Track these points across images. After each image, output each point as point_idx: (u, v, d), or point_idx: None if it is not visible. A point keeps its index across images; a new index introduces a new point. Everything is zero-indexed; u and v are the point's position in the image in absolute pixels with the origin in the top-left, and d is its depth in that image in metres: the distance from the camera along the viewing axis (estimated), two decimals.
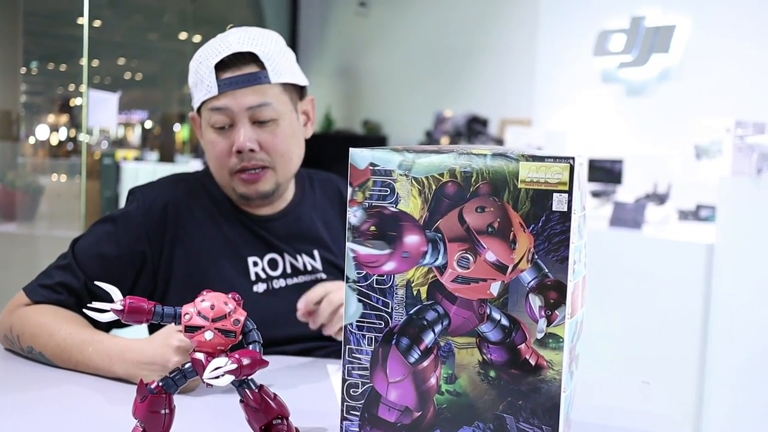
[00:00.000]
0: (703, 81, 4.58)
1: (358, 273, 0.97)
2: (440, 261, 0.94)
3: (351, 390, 0.99)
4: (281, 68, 1.49)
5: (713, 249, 3.24)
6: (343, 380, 0.99)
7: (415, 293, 0.95)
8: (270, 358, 0.98)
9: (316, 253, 1.60)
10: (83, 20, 3.77)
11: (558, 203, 0.90)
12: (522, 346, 0.92)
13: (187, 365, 0.95)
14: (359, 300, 0.98)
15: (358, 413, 0.99)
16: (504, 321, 0.92)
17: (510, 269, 0.91)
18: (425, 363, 0.95)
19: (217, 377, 0.90)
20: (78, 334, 1.29)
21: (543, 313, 0.91)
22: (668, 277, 3.43)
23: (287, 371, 1.35)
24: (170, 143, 8.19)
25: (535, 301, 0.91)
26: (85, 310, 0.96)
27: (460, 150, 0.94)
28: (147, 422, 0.94)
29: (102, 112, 3.66)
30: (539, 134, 5.07)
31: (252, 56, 1.46)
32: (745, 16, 4.42)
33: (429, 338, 0.95)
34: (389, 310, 0.96)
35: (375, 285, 0.97)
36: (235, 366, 0.90)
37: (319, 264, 1.59)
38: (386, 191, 0.96)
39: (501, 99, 5.95)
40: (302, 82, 1.56)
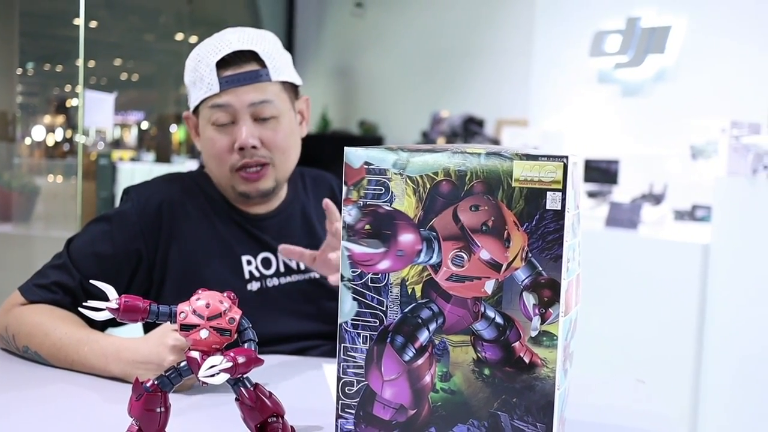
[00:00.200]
0: (699, 81, 4.59)
1: (353, 271, 0.98)
2: (435, 259, 0.94)
3: (346, 388, 0.99)
4: (280, 67, 1.51)
5: (709, 249, 3.24)
6: (338, 378, 0.99)
7: (410, 291, 0.96)
8: (265, 357, 0.98)
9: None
10: (79, 21, 3.77)
11: (552, 202, 0.90)
12: (516, 344, 0.92)
13: (183, 364, 0.95)
14: (354, 298, 0.98)
15: (353, 411, 0.99)
16: (498, 319, 0.93)
17: (504, 267, 0.92)
18: (420, 361, 0.96)
19: (213, 375, 0.90)
20: (73, 334, 1.29)
21: (537, 311, 0.91)
22: (664, 277, 3.43)
23: (282, 370, 1.35)
24: (166, 144, 8.19)
25: (529, 299, 0.91)
26: (81, 309, 0.96)
27: (455, 149, 0.94)
28: (142, 420, 0.94)
29: (98, 113, 3.66)
30: (535, 135, 5.08)
31: (253, 54, 1.48)
32: (741, 17, 4.44)
33: (424, 336, 0.95)
34: (384, 309, 0.97)
35: (370, 283, 0.97)
36: (231, 364, 0.91)
37: None
38: (381, 190, 0.96)
39: (497, 99, 5.95)
40: (298, 82, 1.58)
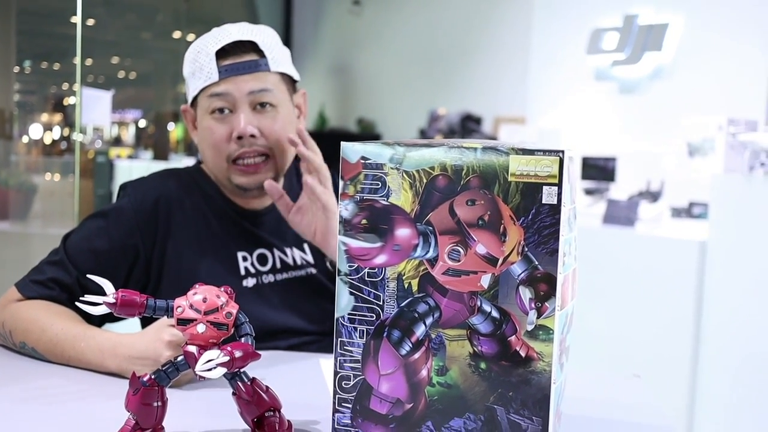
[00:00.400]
0: (696, 79, 4.59)
1: (350, 266, 0.98)
2: (431, 254, 0.95)
3: (343, 382, 0.99)
4: (279, 58, 1.52)
5: (706, 246, 3.25)
6: (335, 373, 1.00)
7: (407, 286, 0.96)
8: (262, 353, 0.98)
9: (306, 248, 1.60)
10: (77, 19, 3.77)
11: (548, 196, 0.91)
12: (512, 338, 0.92)
13: (180, 358, 0.95)
14: (351, 293, 0.98)
15: (350, 405, 0.99)
16: (494, 313, 0.93)
17: (500, 262, 0.92)
18: (416, 355, 0.96)
19: (210, 369, 0.90)
20: (70, 330, 1.29)
21: (533, 305, 0.91)
22: (661, 274, 3.44)
23: (279, 365, 1.36)
24: (164, 142, 8.18)
25: (525, 293, 0.92)
26: (78, 304, 0.97)
27: (451, 144, 0.95)
28: (139, 415, 0.94)
29: (95, 110, 3.66)
30: (533, 132, 5.08)
31: (252, 45, 1.49)
32: (738, 15, 4.44)
33: (420, 330, 0.96)
34: (381, 303, 0.97)
35: (366, 278, 0.97)
36: (228, 358, 0.91)
37: (310, 257, 1.59)
38: (377, 185, 0.96)
39: (495, 97, 5.95)
40: (296, 76, 1.59)
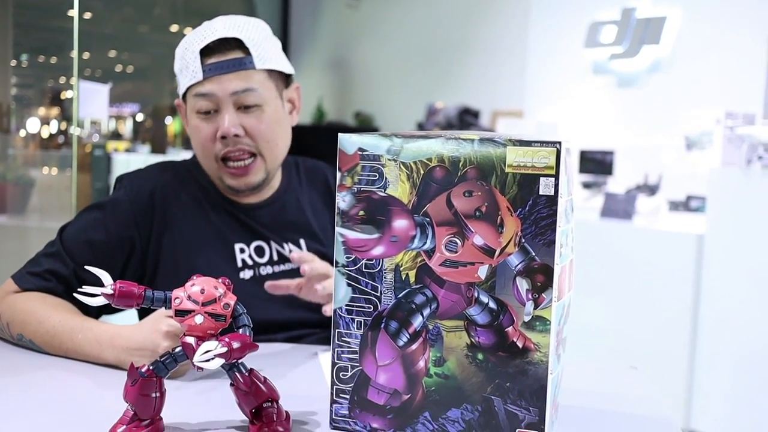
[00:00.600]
0: (694, 72, 4.59)
1: (347, 257, 0.98)
2: (428, 245, 0.95)
3: (340, 373, 1.00)
4: (266, 54, 1.49)
5: (703, 239, 3.26)
6: (333, 364, 1.00)
7: (404, 277, 0.96)
8: (259, 344, 0.98)
9: (302, 243, 1.60)
10: (73, 12, 3.76)
11: (545, 187, 0.91)
12: (509, 329, 0.93)
13: (178, 349, 0.96)
14: (348, 284, 0.98)
15: (348, 396, 0.99)
16: (492, 304, 0.93)
17: (497, 253, 0.92)
18: (414, 346, 0.96)
19: (208, 360, 0.91)
20: (67, 321, 1.29)
21: (530, 296, 0.92)
22: (659, 267, 3.45)
23: (277, 356, 1.36)
24: (162, 136, 8.17)
25: (523, 285, 0.92)
26: (76, 295, 0.97)
27: (448, 135, 0.95)
28: (137, 405, 0.95)
29: (93, 103, 3.65)
30: (531, 126, 5.08)
31: (237, 42, 1.47)
32: (735, 8, 4.44)
33: (417, 322, 0.96)
34: (378, 294, 0.97)
35: (364, 269, 0.97)
36: (225, 349, 0.91)
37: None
38: (375, 176, 0.96)
39: (492, 90, 5.95)
40: (288, 70, 1.56)
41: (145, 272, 1.49)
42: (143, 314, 1.49)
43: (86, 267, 1.02)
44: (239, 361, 0.96)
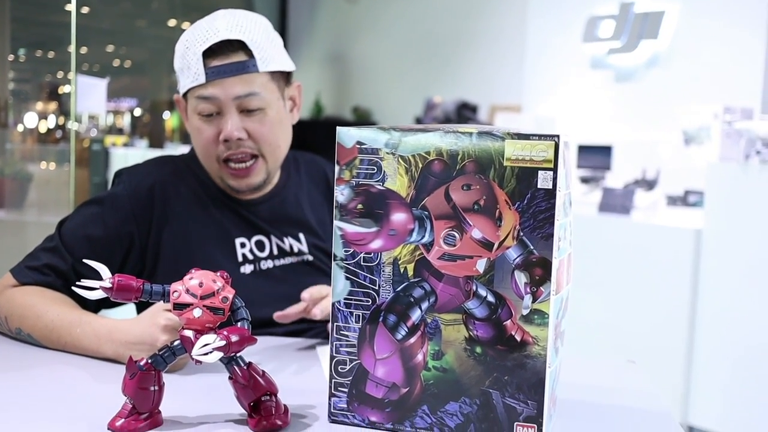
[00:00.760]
0: (692, 67, 4.59)
1: (346, 251, 0.98)
2: (427, 238, 0.95)
3: (339, 367, 1.00)
4: (269, 56, 1.47)
5: (701, 234, 3.26)
6: (331, 357, 1.00)
7: (402, 271, 0.96)
8: (258, 338, 0.98)
9: (302, 237, 1.60)
10: (71, 7, 3.76)
11: (543, 181, 0.91)
12: (508, 323, 0.93)
13: (176, 342, 0.96)
14: (347, 278, 0.98)
15: (346, 390, 1.00)
16: (490, 297, 0.93)
17: (496, 246, 0.92)
18: (412, 340, 0.96)
19: (206, 354, 0.91)
20: (66, 315, 1.29)
21: (528, 290, 0.92)
22: (657, 262, 3.45)
23: (275, 350, 1.36)
24: (159, 130, 8.16)
25: (521, 278, 0.92)
26: (75, 288, 0.97)
27: (447, 129, 0.95)
28: (136, 399, 0.95)
29: (91, 98, 3.65)
30: (529, 120, 5.08)
31: (240, 44, 1.44)
32: (733, 2, 4.43)
33: (416, 315, 0.96)
34: (376, 288, 0.97)
35: (362, 263, 0.97)
36: (224, 343, 0.91)
37: (305, 247, 1.59)
38: (373, 169, 0.96)
39: (491, 85, 5.95)
40: (289, 68, 1.54)
41: (145, 267, 1.49)
42: (141, 308, 1.49)
43: (85, 260, 1.02)
44: (238, 355, 0.96)
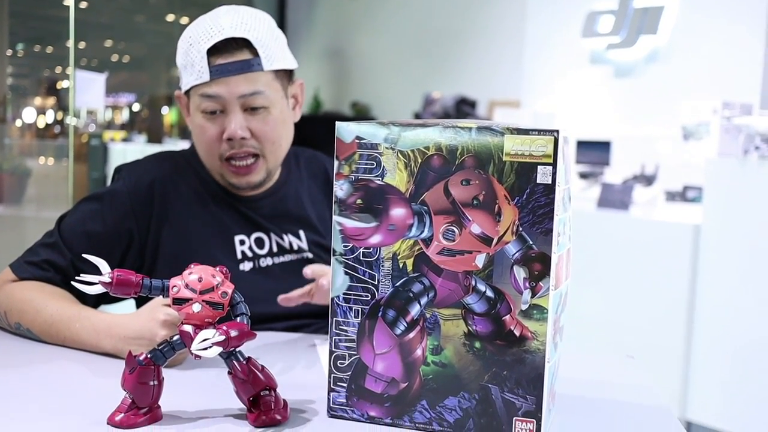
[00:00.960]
0: (691, 62, 4.59)
1: (345, 246, 0.98)
2: (426, 233, 0.95)
3: (338, 362, 1.00)
4: (274, 54, 1.46)
5: (700, 229, 3.26)
6: (330, 352, 1.00)
7: (401, 266, 0.96)
8: (257, 334, 0.98)
9: (302, 234, 1.60)
10: (69, 2, 3.75)
11: (542, 176, 0.91)
12: (507, 318, 0.93)
13: (176, 337, 0.96)
14: (346, 273, 0.98)
15: (345, 385, 1.00)
16: (489, 293, 0.93)
17: (495, 241, 0.92)
18: (411, 335, 0.96)
19: (205, 349, 0.91)
20: (65, 310, 1.29)
21: (527, 285, 0.92)
22: (655, 258, 3.45)
23: (275, 345, 1.36)
24: (158, 126, 8.16)
25: (520, 273, 0.92)
26: (74, 283, 0.97)
27: (446, 124, 0.95)
28: (136, 393, 0.95)
29: (89, 93, 3.65)
30: (528, 116, 5.07)
31: (245, 42, 1.43)
32: None
33: (415, 310, 0.96)
34: (375, 283, 0.97)
35: (361, 258, 0.97)
36: (223, 337, 0.91)
37: (305, 244, 1.59)
38: (372, 164, 0.96)
39: (489, 80, 5.94)
40: (292, 66, 1.54)
41: (144, 264, 1.49)
42: (141, 304, 1.49)
43: (84, 255, 1.02)
44: (237, 350, 0.96)
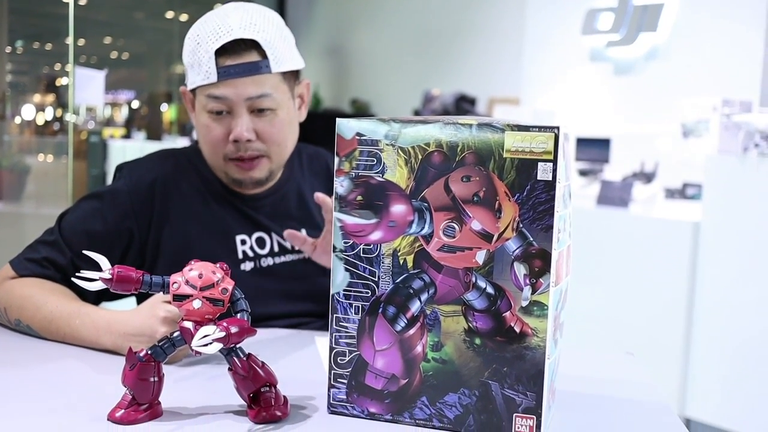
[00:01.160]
0: (691, 60, 4.59)
1: (345, 242, 0.98)
2: (426, 230, 0.95)
3: (338, 358, 1.00)
4: (282, 56, 1.45)
5: (699, 227, 3.26)
6: (331, 348, 1.00)
7: (402, 262, 0.96)
8: (258, 330, 0.98)
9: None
10: None
11: (543, 172, 0.91)
12: (507, 314, 0.93)
13: (176, 334, 0.96)
14: (346, 269, 0.98)
15: (345, 381, 1.00)
16: (489, 289, 0.93)
17: (495, 238, 0.92)
18: (411, 331, 0.96)
19: (206, 345, 0.91)
20: (65, 307, 1.29)
21: (527, 281, 0.92)
22: (655, 255, 3.45)
23: (275, 342, 1.36)
24: (157, 123, 8.15)
25: (520, 270, 0.92)
26: (74, 279, 0.97)
27: (446, 120, 0.95)
28: (136, 390, 0.95)
29: (88, 90, 3.64)
30: (527, 113, 5.08)
31: (254, 43, 1.42)
32: None
33: (415, 307, 0.96)
34: (376, 279, 0.97)
35: (362, 254, 0.97)
36: (224, 334, 0.91)
37: None
38: (373, 161, 0.96)
39: (489, 78, 5.94)
40: (299, 66, 1.53)
41: (144, 263, 1.48)
42: (141, 301, 1.49)
43: (85, 252, 1.02)
44: (237, 346, 0.96)
